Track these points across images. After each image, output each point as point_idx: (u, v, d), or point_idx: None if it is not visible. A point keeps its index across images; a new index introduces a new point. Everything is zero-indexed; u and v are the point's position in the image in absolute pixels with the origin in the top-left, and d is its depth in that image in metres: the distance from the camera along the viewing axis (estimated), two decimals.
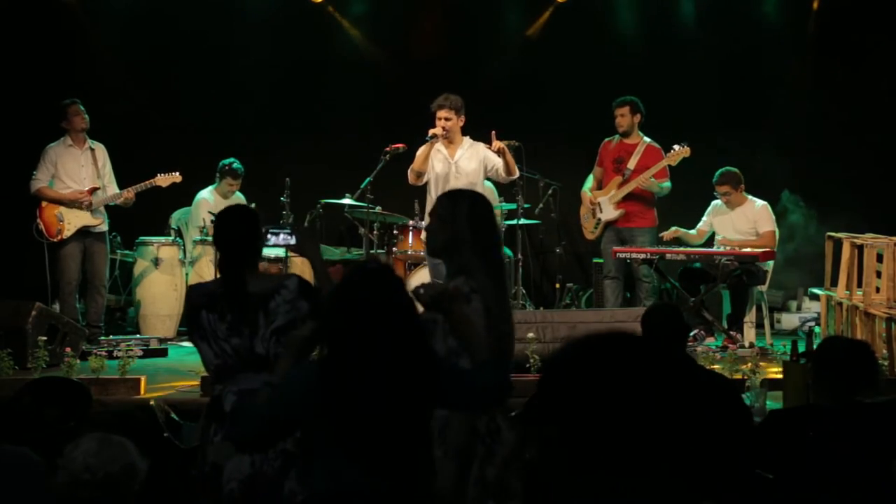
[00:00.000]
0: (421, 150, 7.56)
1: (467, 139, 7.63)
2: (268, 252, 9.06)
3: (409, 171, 7.60)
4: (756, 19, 10.58)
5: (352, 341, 3.05)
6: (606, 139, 8.85)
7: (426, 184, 7.68)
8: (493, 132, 7.48)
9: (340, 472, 3.03)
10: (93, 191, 8.56)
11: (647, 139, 8.68)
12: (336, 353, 3.08)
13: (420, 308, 3.31)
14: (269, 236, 4.80)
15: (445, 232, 3.82)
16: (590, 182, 8.91)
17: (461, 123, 7.57)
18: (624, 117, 8.66)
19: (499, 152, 7.43)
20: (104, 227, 8.67)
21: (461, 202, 3.85)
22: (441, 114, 7.50)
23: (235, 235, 3.98)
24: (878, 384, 4.03)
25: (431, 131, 7.49)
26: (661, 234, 8.70)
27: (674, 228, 8.77)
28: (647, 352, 2.35)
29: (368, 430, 3.02)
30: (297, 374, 3.22)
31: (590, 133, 8.93)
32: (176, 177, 8.78)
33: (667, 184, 8.59)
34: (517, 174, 7.63)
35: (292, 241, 4.50)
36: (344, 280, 3.24)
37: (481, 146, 7.63)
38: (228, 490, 3.74)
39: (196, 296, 3.99)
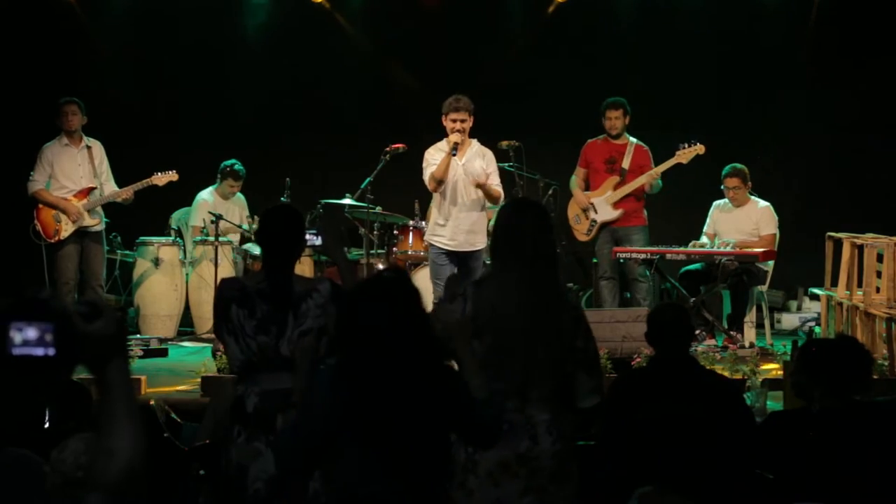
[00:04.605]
0: (442, 159, 7.40)
1: (475, 142, 7.58)
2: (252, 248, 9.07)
3: (429, 178, 7.49)
4: (757, 17, 10.58)
5: (367, 350, 3.05)
6: (591, 139, 8.78)
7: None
8: (479, 184, 7.45)
9: (362, 474, 3.05)
10: (89, 191, 8.54)
11: (633, 139, 8.66)
12: (352, 362, 3.09)
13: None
14: None
15: (494, 236, 3.80)
16: (573, 184, 8.87)
17: (471, 124, 7.49)
18: (618, 119, 8.60)
19: (478, 186, 7.43)
20: (101, 227, 8.65)
21: (528, 210, 3.82)
22: (457, 116, 7.37)
23: (281, 233, 3.97)
24: (867, 376, 3.99)
25: (452, 139, 7.35)
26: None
27: (695, 242, 8.62)
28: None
29: (387, 436, 3.04)
30: (314, 393, 3.23)
31: (590, 132, 8.89)
32: (172, 175, 8.75)
33: (659, 181, 8.59)
34: (496, 202, 7.53)
35: (318, 241, 4.48)
36: (358, 289, 3.24)
37: (488, 152, 7.63)
38: (254, 490, 3.75)
39: (227, 289, 3.94)
